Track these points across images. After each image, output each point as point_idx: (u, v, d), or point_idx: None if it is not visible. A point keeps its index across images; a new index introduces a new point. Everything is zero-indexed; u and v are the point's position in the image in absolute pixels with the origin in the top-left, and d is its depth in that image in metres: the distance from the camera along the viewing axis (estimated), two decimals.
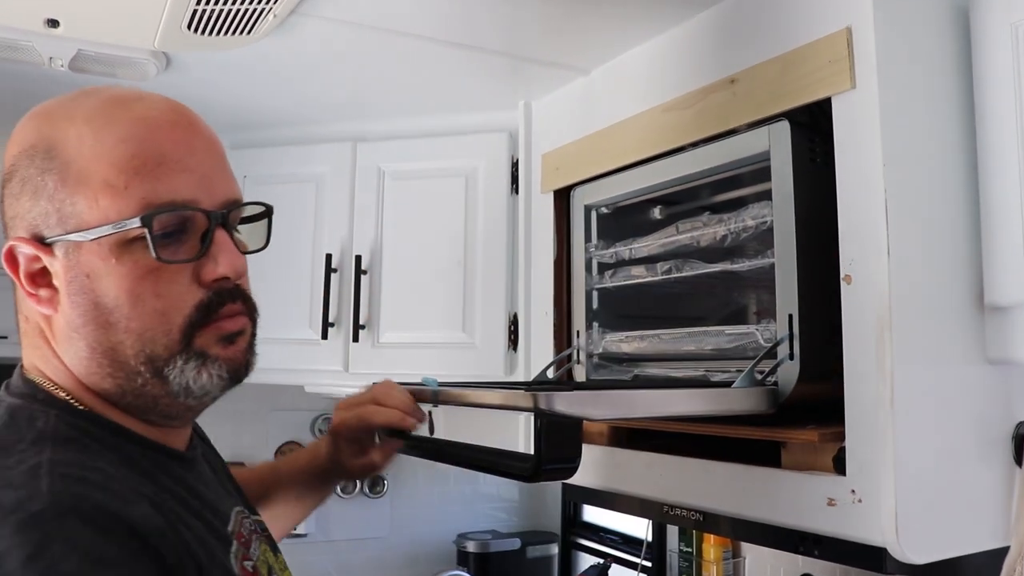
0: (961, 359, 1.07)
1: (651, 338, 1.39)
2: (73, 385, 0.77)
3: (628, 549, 2.35)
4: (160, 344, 0.76)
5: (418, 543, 2.70)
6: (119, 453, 0.74)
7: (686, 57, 1.37)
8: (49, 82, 1.73)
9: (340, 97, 1.88)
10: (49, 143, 0.75)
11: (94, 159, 0.74)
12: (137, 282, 0.75)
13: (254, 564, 0.82)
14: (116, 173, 0.74)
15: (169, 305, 0.76)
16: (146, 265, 0.75)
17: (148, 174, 0.75)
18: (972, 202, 1.09)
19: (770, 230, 1.16)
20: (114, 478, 0.69)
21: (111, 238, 0.74)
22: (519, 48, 1.56)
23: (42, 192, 0.75)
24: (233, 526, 0.83)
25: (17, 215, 0.76)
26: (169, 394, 0.77)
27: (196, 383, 0.78)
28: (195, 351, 0.77)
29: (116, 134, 0.75)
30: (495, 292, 1.82)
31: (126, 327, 0.75)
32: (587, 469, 1.49)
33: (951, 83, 1.10)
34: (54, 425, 0.73)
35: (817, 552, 1.13)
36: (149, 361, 0.76)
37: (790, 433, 1.11)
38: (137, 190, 0.74)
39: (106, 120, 0.76)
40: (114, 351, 0.76)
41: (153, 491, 0.72)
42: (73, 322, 0.75)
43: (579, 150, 1.58)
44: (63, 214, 0.74)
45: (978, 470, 1.06)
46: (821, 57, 1.10)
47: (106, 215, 0.74)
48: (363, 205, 1.98)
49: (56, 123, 0.76)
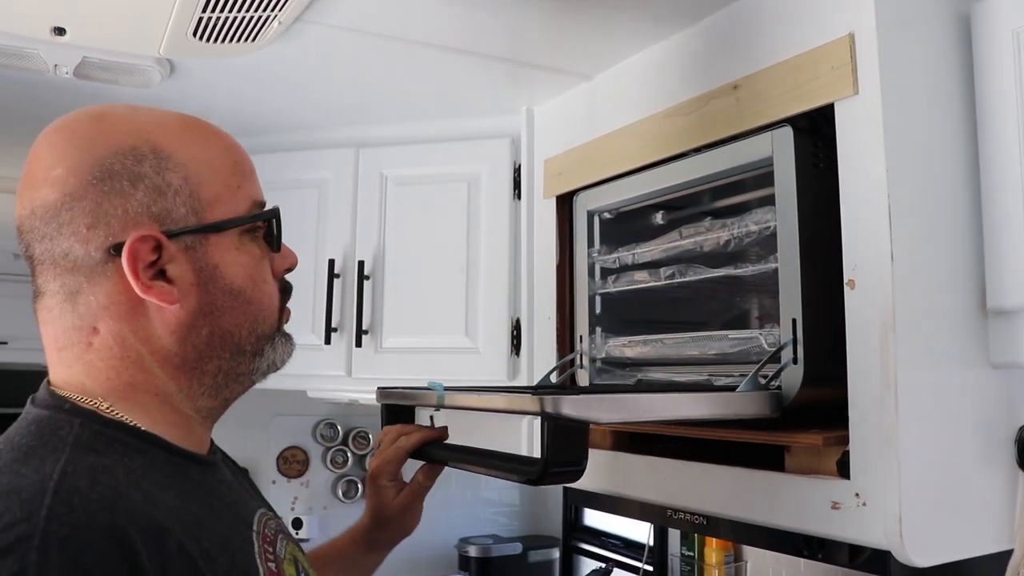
0: (964, 363, 1.07)
1: (654, 343, 1.39)
2: (110, 393, 0.79)
3: (629, 553, 2.35)
4: (267, 324, 0.86)
5: (420, 548, 2.70)
6: (145, 457, 0.77)
7: (688, 63, 1.38)
8: (53, 89, 1.74)
9: (343, 103, 1.89)
10: (154, 146, 0.80)
11: (208, 164, 0.82)
12: (254, 268, 0.85)
13: (277, 564, 0.83)
14: (230, 177, 0.84)
15: (272, 289, 0.87)
16: (258, 254, 0.85)
17: (248, 178, 0.86)
18: (974, 207, 1.10)
19: (773, 235, 1.16)
20: (131, 482, 0.72)
21: (235, 231, 0.83)
22: (521, 54, 1.57)
23: (163, 188, 0.79)
24: (257, 527, 0.85)
25: (124, 209, 0.78)
26: (253, 372, 0.86)
27: (279, 359, 0.88)
28: (281, 330, 0.89)
29: (218, 144, 0.85)
30: (498, 297, 1.83)
31: (244, 310, 0.84)
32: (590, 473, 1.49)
33: (953, 89, 1.11)
34: (77, 433, 0.75)
35: (821, 556, 1.14)
36: (257, 340, 0.85)
37: (794, 437, 1.11)
38: (246, 191, 0.85)
39: (201, 132, 0.85)
40: (230, 334, 0.83)
41: (176, 496, 0.75)
42: (200, 308, 0.81)
43: (581, 155, 1.59)
44: (190, 209, 0.80)
45: (982, 474, 1.07)
46: (824, 63, 1.11)
47: (232, 211, 0.83)
48: (366, 210, 1.98)
49: (149, 130, 0.81)
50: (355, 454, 2.63)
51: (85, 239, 0.77)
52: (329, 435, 2.61)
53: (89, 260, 0.77)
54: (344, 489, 2.59)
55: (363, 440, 2.64)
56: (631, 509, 1.50)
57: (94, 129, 0.80)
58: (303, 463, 2.58)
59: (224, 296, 0.82)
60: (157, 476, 0.75)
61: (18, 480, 0.68)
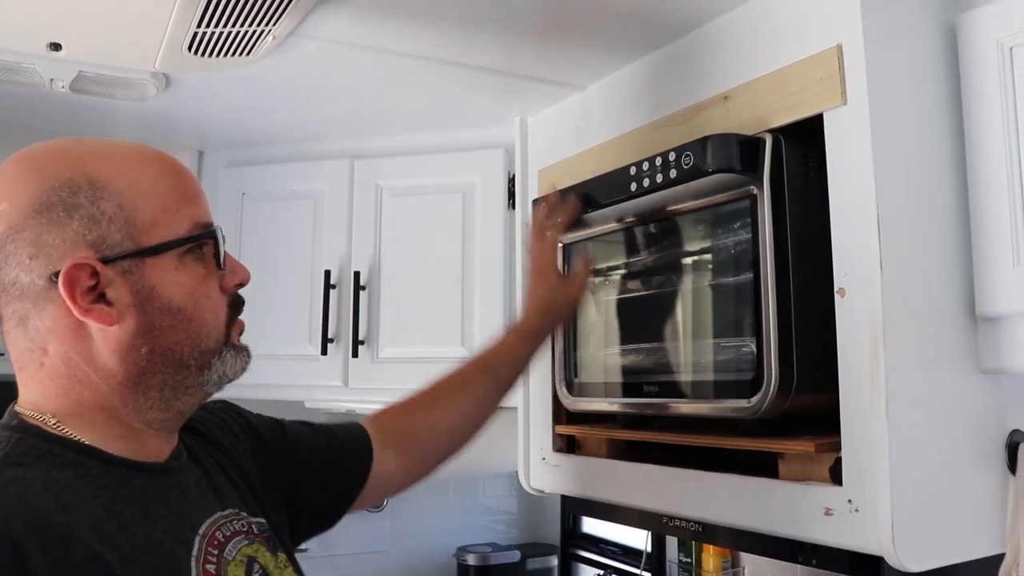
0: (954, 369, 1.09)
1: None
2: (60, 410, 0.85)
3: (628, 560, 2.35)
4: (212, 339, 0.90)
5: (418, 556, 2.70)
6: (77, 469, 0.82)
7: (680, 74, 1.39)
8: (49, 103, 1.75)
9: (338, 115, 1.90)
10: (90, 177, 0.84)
11: (144, 190, 0.86)
12: (196, 286, 0.88)
13: (219, 567, 0.87)
14: (167, 201, 0.87)
15: (216, 305, 0.91)
16: (201, 272, 0.89)
17: (189, 200, 0.90)
18: (962, 215, 1.11)
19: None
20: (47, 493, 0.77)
21: (173, 252, 0.87)
22: (515, 66, 1.58)
23: (98, 217, 0.83)
24: (206, 530, 0.89)
25: (62, 239, 0.83)
26: (203, 384, 0.91)
27: (231, 370, 0.92)
28: (231, 344, 0.92)
29: (156, 172, 0.89)
30: (493, 307, 1.84)
31: (185, 327, 0.87)
32: (587, 482, 1.51)
33: (940, 99, 1.12)
34: (9, 448, 0.82)
35: (815, 561, 1.15)
36: (200, 355, 0.89)
37: (787, 444, 1.12)
38: (186, 213, 0.88)
39: (141, 160, 0.89)
40: (170, 351, 0.87)
41: (104, 503, 0.80)
42: (139, 328, 0.85)
43: (575, 165, 1.60)
44: (126, 234, 0.84)
45: (973, 478, 1.08)
46: (813, 74, 1.13)
47: (171, 232, 0.87)
48: (361, 221, 1.99)
49: (87, 162, 0.86)
50: None
51: (28, 268, 0.82)
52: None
53: (34, 287, 0.83)
54: None
55: None
56: (628, 517, 1.51)
57: (36, 164, 0.86)
58: None
59: (162, 315, 0.86)
60: (87, 486, 0.81)
61: None
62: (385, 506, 2.65)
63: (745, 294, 1.19)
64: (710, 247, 1.29)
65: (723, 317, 1.26)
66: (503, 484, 2.86)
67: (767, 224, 1.15)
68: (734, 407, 1.17)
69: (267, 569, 0.94)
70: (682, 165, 1.20)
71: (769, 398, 1.12)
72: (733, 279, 1.24)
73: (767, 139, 1.16)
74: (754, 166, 1.16)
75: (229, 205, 2.10)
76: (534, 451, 1.65)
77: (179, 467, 0.93)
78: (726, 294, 1.25)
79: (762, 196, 1.15)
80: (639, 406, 1.36)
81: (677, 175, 1.21)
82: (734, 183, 1.18)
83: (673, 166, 1.21)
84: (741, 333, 1.20)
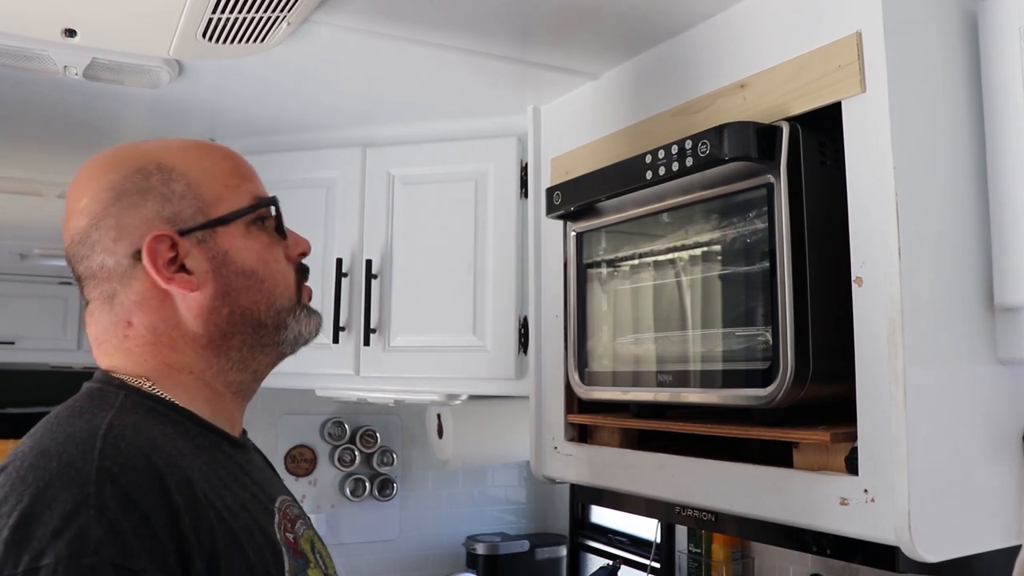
0: (972, 359, 1.08)
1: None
2: (150, 372, 0.93)
3: (636, 551, 2.36)
4: (285, 298, 0.98)
5: (427, 545, 2.71)
6: (178, 428, 0.90)
7: (696, 62, 1.38)
8: (63, 90, 1.75)
9: (350, 103, 1.90)
10: (158, 163, 0.94)
11: (209, 172, 0.96)
12: (265, 251, 0.97)
13: (295, 537, 0.94)
14: (229, 179, 0.97)
15: (285, 268, 0.99)
16: (266, 240, 0.98)
17: (247, 178, 0.99)
18: (982, 204, 1.10)
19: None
20: (166, 441, 0.84)
21: (240, 222, 0.96)
22: (528, 54, 1.58)
23: (170, 196, 0.93)
24: (280, 505, 0.96)
25: (140, 219, 0.92)
26: (279, 343, 0.98)
27: (306, 330, 1.00)
28: (303, 305, 1.00)
29: (215, 156, 0.99)
30: (505, 295, 1.84)
31: (259, 287, 0.96)
32: (599, 471, 1.51)
33: (960, 86, 1.11)
34: (122, 400, 0.89)
35: (830, 552, 1.14)
36: (276, 313, 0.97)
37: (802, 433, 1.12)
38: (246, 187, 0.98)
39: (200, 146, 0.99)
40: (248, 311, 0.95)
41: (205, 461, 0.88)
42: (217, 291, 0.93)
43: (589, 154, 1.60)
44: (196, 209, 0.94)
45: (989, 469, 1.08)
46: (831, 62, 1.12)
47: (235, 205, 0.96)
48: (373, 210, 1.99)
49: (153, 152, 0.96)
50: (363, 452, 2.64)
51: (113, 251, 0.92)
52: (337, 434, 2.62)
53: (119, 267, 0.92)
54: (352, 487, 2.60)
55: (370, 439, 2.64)
56: (640, 506, 1.51)
57: (107, 160, 0.96)
58: (311, 461, 2.59)
59: (237, 277, 0.94)
60: (189, 444, 0.88)
61: (72, 429, 0.82)
62: (395, 495, 2.66)
63: (761, 283, 1.18)
64: (725, 236, 1.29)
65: (738, 306, 1.26)
66: (512, 474, 2.87)
67: (784, 213, 1.14)
68: (749, 396, 1.17)
69: (323, 556, 1.01)
70: (699, 153, 1.19)
71: (785, 387, 1.11)
72: (749, 268, 1.23)
73: (784, 127, 1.15)
74: (771, 154, 1.15)
75: None
76: (546, 440, 1.65)
77: (249, 446, 1.03)
78: (741, 283, 1.25)
79: (779, 185, 1.15)
80: (653, 395, 1.36)
81: (694, 163, 1.20)
82: (751, 172, 1.18)
83: (690, 154, 1.20)
84: (757, 322, 1.19)
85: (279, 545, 0.89)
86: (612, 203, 1.43)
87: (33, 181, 2.70)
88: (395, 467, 2.67)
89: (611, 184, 1.38)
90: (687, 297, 1.36)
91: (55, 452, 0.78)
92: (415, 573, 2.66)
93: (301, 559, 0.92)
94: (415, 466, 2.72)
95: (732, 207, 1.26)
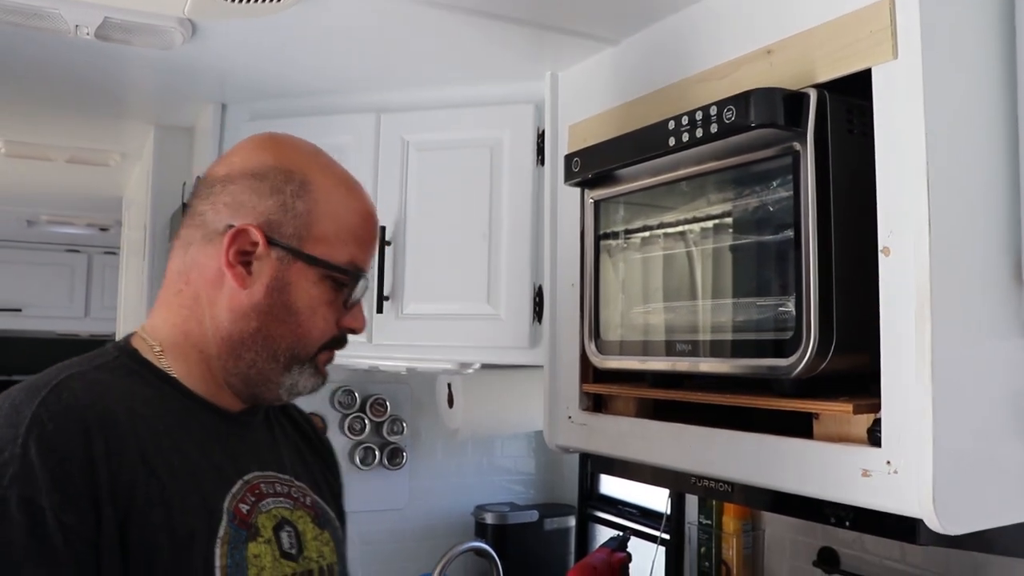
0: (998, 333, 1.06)
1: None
2: (168, 338, 1.00)
3: (646, 522, 2.36)
4: (305, 349, 1.01)
5: (436, 515, 2.72)
6: (157, 391, 0.96)
7: (720, 27, 1.35)
8: (73, 50, 1.73)
9: (364, 67, 1.87)
10: (305, 179, 1.00)
11: (334, 215, 1.01)
12: (321, 304, 1.01)
13: (251, 509, 0.96)
14: (344, 232, 1.01)
15: (325, 327, 1.02)
16: (330, 298, 1.01)
17: (360, 243, 1.03)
18: (1012, 175, 1.08)
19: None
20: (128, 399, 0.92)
21: (321, 270, 1.00)
22: (546, 18, 1.55)
23: (289, 208, 0.98)
24: (251, 478, 0.99)
25: (254, 206, 0.98)
26: (278, 384, 1.01)
27: (303, 384, 1.03)
28: (314, 363, 1.03)
29: (353, 206, 1.03)
30: (520, 264, 1.82)
31: (292, 329, 0.99)
32: (614, 440, 1.50)
33: (994, 54, 1.09)
34: (107, 360, 0.97)
35: (848, 524, 1.13)
36: (291, 357, 1.00)
37: (824, 405, 1.11)
38: (351, 250, 1.02)
39: (348, 191, 1.04)
40: (272, 339, 0.99)
41: (169, 424, 0.94)
42: (259, 305, 0.98)
43: (607, 121, 1.57)
44: (295, 232, 0.98)
45: (1012, 443, 1.06)
46: (863, 27, 1.09)
47: (329, 255, 1.00)
48: (387, 176, 1.97)
49: (311, 167, 1.02)
50: (372, 421, 2.63)
51: (217, 211, 0.99)
52: (347, 402, 2.61)
53: (211, 226, 0.99)
54: (361, 456, 2.60)
55: (380, 407, 2.64)
56: (654, 476, 1.50)
57: (278, 146, 1.03)
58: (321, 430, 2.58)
59: (282, 309, 0.98)
60: (157, 406, 0.94)
61: (41, 379, 0.90)
62: (404, 464, 2.67)
63: (785, 252, 1.17)
64: (748, 205, 1.27)
65: (761, 275, 1.24)
66: (520, 444, 2.87)
67: (810, 181, 1.12)
68: (771, 366, 1.15)
69: (302, 535, 1.01)
70: (724, 120, 1.17)
71: (808, 358, 1.10)
72: (772, 237, 1.21)
73: (812, 94, 1.13)
74: (797, 122, 1.13)
75: None
76: (560, 409, 1.65)
77: (248, 421, 1.05)
78: (765, 252, 1.23)
79: (805, 153, 1.13)
80: (671, 365, 1.34)
81: (718, 130, 1.18)
82: (776, 139, 1.16)
83: (714, 120, 1.18)
84: (780, 292, 1.18)
85: (221, 513, 0.93)
86: (631, 171, 1.41)
87: (40, 145, 2.68)
88: (405, 436, 2.67)
89: (632, 151, 1.36)
90: (705, 266, 1.34)
91: (13, 395, 0.88)
92: (424, 542, 2.66)
93: (245, 530, 0.94)
94: (425, 435, 2.72)
95: (755, 175, 1.24)
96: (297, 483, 1.06)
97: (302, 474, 1.10)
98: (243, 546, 0.93)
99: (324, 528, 1.06)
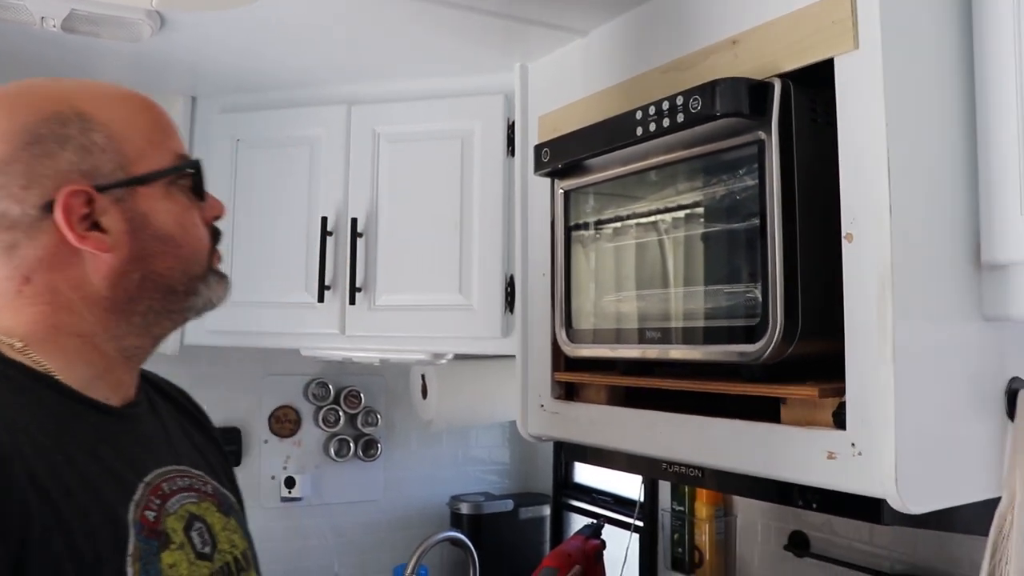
0: (958, 316, 1.09)
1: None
2: (31, 335, 0.87)
3: (620, 509, 2.39)
4: (199, 265, 0.95)
5: (412, 506, 2.73)
6: (31, 395, 0.84)
7: (686, 18, 1.37)
8: (39, 43, 1.71)
9: (334, 60, 1.87)
10: (78, 110, 0.88)
11: (131, 123, 0.90)
12: (183, 215, 0.93)
13: (158, 515, 0.87)
14: (150, 134, 0.92)
15: (201, 232, 0.96)
16: (185, 202, 0.94)
17: (169, 134, 0.94)
18: (970, 162, 1.11)
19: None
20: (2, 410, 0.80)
21: (162, 182, 0.91)
22: (516, 9, 1.56)
23: (91, 148, 0.87)
24: (152, 479, 0.90)
25: (56, 171, 0.85)
26: (187, 309, 0.95)
27: (216, 296, 0.97)
28: (213, 270, 0.97)
29: (136, 106, 0.93)
30: (491, 254, 1.83)
31: (176, 253, 0.92)
32: (586, 428, 1.52)
33: (952, 46, 1.11)
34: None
35: (815, 505, 1.16)
36: (189, 280, 0.94)
37: (790, 389, 1.13)
38: (168, 145, 0.93)
39: (120, 94, 0.92)
40: (162, 276, 0.91)
41: (52, 433, 0.82)
42: (132, 254, 0.89)
43: (577, 112, 1.59)
44: (117, 164, 0.88)
45: (973, 423, 1.09)
46: (825, 18, 1.11)
47: (157, 163, 0.91)
48: (358, 168, 1.97)
49: (72, 96, 0.89)
50: (347, 413, 2.64)
51: (20, 199, 0.85)
52: (321, 394, 2.61)
53: (25, 218, 0.85)
54: (336, 448, 2.61)
55: (355, 399, 2.64)
56: (626, 463, 1.52)
57: (21, 99, 0.88)
58: (295, 422, 2.58)
59: (155, 242, 0.90)
60: (37, 412, 0.83)
61: None
62: (379, 456, 2.67)
63: (750, 240, 1.18)
64: (714, 193, 1.28)
65: (728, 263, 1.26)
66: (495, 434, 2.89)
67: (775, 170, 1.14)
68: (738, 352, 1.17)
69: (212, 528, 0.94)
70: (690, 109, 1.18)
71: (774, 343, 1.12)
72: (738, 225, 1.23)
73: (776, 84, 1.15)
74: (763, 111, 1.15)
75: (223, 152, 2.07)
76: (532, 398, 1.66)
77: (136, 414, 0.96)
78: (731, 240, 1.25)
79: (770, 141, 1.14)
80: (641, 352, 1.36)
81: (685, 119, 1.19)
82: (742, 128, 1.17)
83: (681, 110, 1.20)
84: (748, 279, 1.19)
85: (126, 527, 0.83)
86: (600, 161, 1.42)
87: None
88: (379, 427, 2.67)
89: (601, 140, 1.37)
90: (674, 254, 1.36)
91: None
92: (400, 533, 2.67)
93: (156, 540, 0.86)
94: (399, 426, 2.73)
95: (722, 164, 1.26)
96: (195, 471, 0.98)
97: (198, 460, 1.02)
98: (156, 558, 0.85)
99: (229, 515, 1.00)
